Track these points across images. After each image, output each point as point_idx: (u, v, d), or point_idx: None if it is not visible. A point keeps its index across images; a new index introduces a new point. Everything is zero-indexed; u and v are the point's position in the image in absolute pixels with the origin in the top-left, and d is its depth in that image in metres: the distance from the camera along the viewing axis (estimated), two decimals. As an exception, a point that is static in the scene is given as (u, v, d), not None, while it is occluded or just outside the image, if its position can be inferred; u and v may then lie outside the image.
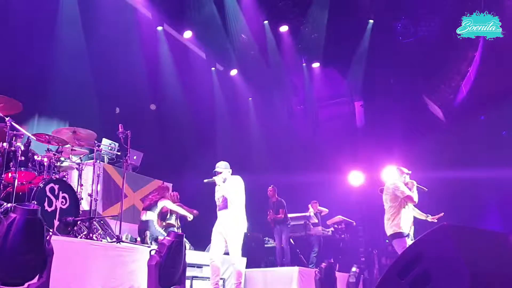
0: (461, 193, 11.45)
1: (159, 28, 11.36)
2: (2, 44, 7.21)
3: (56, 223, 4.81)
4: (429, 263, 1.85)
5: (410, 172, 6.20)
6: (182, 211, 7.15)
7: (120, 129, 5.99)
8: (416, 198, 5.91)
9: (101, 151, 6.68)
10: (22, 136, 4.95)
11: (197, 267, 5.82)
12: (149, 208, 6.71)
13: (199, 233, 8.34)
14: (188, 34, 11.83)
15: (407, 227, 5.83)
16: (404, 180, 6.09)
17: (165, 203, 6.82)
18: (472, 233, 2.02)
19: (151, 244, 6.15)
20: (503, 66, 10.31)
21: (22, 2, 7.71)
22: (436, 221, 6.29)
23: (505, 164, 10.31)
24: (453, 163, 11.43)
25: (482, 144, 11.46)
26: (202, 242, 8.09)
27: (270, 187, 9.24)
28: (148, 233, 6.45)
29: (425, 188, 6.25)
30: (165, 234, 5.55)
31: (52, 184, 4.88)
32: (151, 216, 6.63)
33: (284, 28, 12.92)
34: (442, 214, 6.30)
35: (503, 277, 1.76)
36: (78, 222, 5.11)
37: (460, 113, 12.52)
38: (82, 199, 5.63)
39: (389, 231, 5.88)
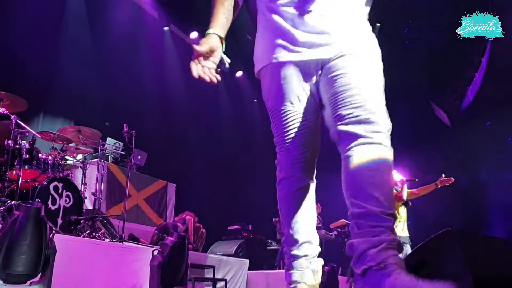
0: (466, 198, 11.39)
1: (166, 28, 11.39)
2: (8, 42, 7.24)
3: (60, 221, 4.82)
4: (433, 269, 1.83)
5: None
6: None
7: (125, 129, 6.03)
8: (405, 196, 5.80)
9: (105, 150, 6.69)
10: (27, 134, 4.97)
11: (199, 268, 5.81)
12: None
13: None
14: (194, 34, 11.85)
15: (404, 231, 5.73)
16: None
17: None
18: (477, 239, 2.00)
19: None
20: (509, 72, 10.25)
21: (28, 0, 7.75)
22: (447, 184, 6.01)
23: (511, 170, 10.25)
24: (458, 168, 11.39)
25: (488, 150, 11.41)
26: (203, 243, 8.08)
27: None
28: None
29: (415, 179, 6.15)
30: None
31: (56, 183, 4.89)
32: None
33: (290, 30, 12.90)
34: (452, 179, 5.99)
35: (507, 284, 1.74)
36: (81, 221, 5.12)
37: (466, 119, 12.46)
38: (86, 198, 5.66)
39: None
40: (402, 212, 5.92)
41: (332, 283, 7.01)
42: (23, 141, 4.77)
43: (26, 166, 4.80)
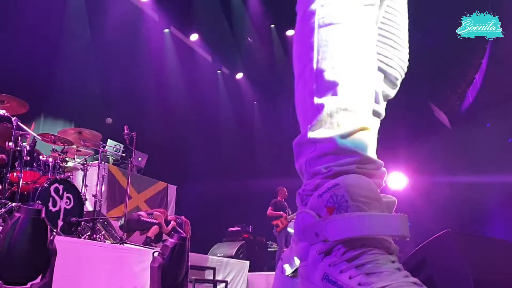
0: (467, 199, 11.38)
1: (166, 30, 11.40)
2: (9, 44, 7.26)
3: (60, 223, 4.82)
4: (433, 270, 1.83)
5: None
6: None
7: (125, 131, 6.03)
8: None
9: (106, 152, 6.69)
10: (28, 136, 4.97)
11: (200, 269, 5.81)
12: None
13: (201, 236, 8.35)
14: (194, 37, 11.87)
15: None
16: None
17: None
18: (477, 240, 2.00)
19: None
20: (510, 73, 10.26)
21: (29, 2, 7.77)
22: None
23: (511, 171, 10.25)
24: (458, 169, 11.38)
25: (488, 151, 11.40)
26: (204, 245, 8.09)
27: (283, 188, 9.11)
28: None
29: None
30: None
31: (56, 184, 4.90)
32: None
33: (290, 32, 12.92)
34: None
35: (508, 285, 1.74)
36: (82, 223, 5.12)
37: (466, 120, 12.46)
38: (86, 199, 5.66)
39: None
40: None
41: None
42: (23, 143, 4.78)
43: (27, 168, 4.80)
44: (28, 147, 4.79)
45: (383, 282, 0.78)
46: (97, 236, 5.15)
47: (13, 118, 4.64)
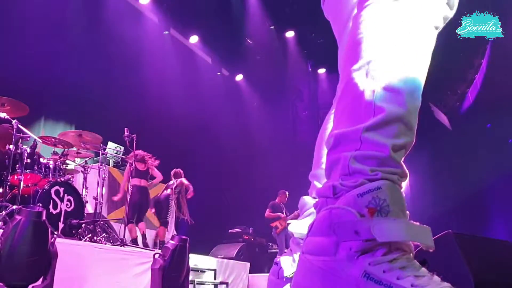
0: (467, 200, 11.39)
1: (166, 32, 11.42)
2: (9, 47, 7.27)
3: (61, 225, 4.83)
4: (434, 270, 1.83)
5: None
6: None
7: (125, 133, 6.04)
8: None
9: (106, 155, 6.70)
10: (29, 139, 4.98)
11: (200, 271, 5.81)
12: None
13: (202, 237, 8.35)
14: (194, 38, 11.88)
15: None
16: None
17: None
18: (477, 241, 2.01)
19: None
20: (509, 74, 10.27)
21: (30, 6, 7.78)
22: None
23: (511, 171, 10.25)
24: (459, 170, 11.39)
25: (488, 152, 11.41)
26: (205, 246, 8.08)
27: (286, 192, 9.24)
28: None
29: None
30: None
31: (57, 187, 4.90)
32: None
33: (290, 34, 12.94)
34: None
35: (508, 286, 1.75)
36: (83, 225, 5.12)
37: (467, 121, 12.47)
38: (87, 202, 5.67)
39: None
40: None
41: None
42: (24, 146, 4.78)
43: (27, 171, 4.81)
44: (28, 150, 4.80)
45: (433, 285, 0.82)
46: (98, 238, 5.15)
47: (13, 121, 4.65)
